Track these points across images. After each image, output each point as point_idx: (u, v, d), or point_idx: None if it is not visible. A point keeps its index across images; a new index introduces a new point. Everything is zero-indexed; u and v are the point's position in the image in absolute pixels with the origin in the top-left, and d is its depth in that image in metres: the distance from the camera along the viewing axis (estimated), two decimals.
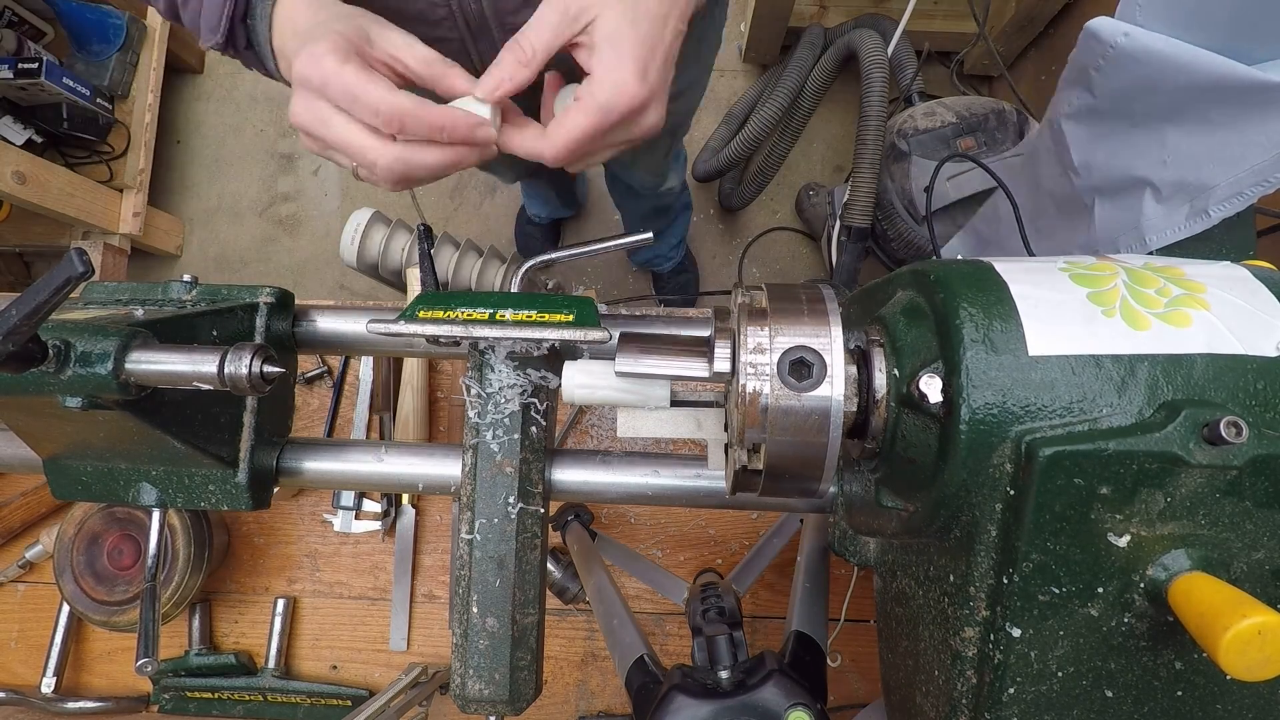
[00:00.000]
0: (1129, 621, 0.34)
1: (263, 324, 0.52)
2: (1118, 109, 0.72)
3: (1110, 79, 0.69)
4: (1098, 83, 0.71)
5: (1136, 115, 0.70)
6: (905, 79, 1.68)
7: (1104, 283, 0.36)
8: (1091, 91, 0.72)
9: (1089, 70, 0.70)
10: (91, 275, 0.35)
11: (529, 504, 0.50)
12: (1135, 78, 0.66)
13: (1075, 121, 0.78)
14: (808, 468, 0.38)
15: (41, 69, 1.59)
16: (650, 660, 0.59)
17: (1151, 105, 0.68)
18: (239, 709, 0.87)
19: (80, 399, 0.40)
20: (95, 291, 0.52)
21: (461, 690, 0.49)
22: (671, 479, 0.53)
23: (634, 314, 0.53)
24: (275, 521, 0.92)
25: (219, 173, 2.12)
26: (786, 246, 1.95)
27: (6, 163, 1.52)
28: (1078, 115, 0.78)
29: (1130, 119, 0.72)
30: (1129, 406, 0.33)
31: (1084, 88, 0.73)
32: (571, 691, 0.87)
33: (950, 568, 0.38)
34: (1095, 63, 0.69)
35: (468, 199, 2.02)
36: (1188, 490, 0.32)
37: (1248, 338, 0.33)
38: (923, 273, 0.39)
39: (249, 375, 0.40)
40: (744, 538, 0.89)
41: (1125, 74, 0.67)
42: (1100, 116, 0.74)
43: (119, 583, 0.82)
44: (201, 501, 0.51)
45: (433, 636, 0.89)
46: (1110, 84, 0.70)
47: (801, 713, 0.49)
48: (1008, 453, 0.33)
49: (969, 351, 0.34)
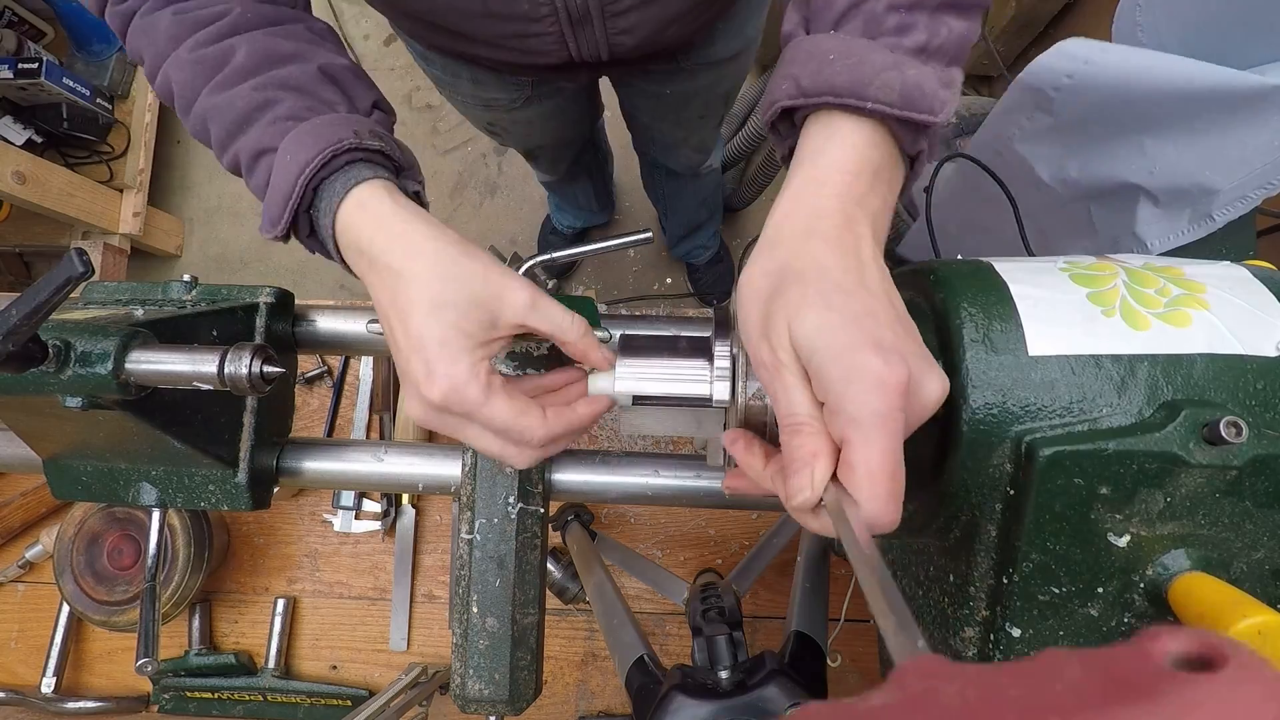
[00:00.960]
0: (1129, 621, 0.34)
1: (263, 324, 0.52)
2: (1084, 125, 0.72)
3: (1074, 98, 0.69)
4: (1059, 103, 0.71)
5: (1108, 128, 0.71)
6: None
7: (1104, 283, 0.36)
8: (1050, 113, 0.73)
9: (1046, 92, 0.70)
10: (91, 275, 0.35)
11: (529, 504, 0.50)
12: (1105, 94, 0.67)
13: (1033, 143, 0.79)
14: None
15: (41, 69, 1.60)
16: (650, 660, 0.59)
17: (1125, 117, 0.68)
18: (239, 709, 0.87)
19: (80, 399, 0.40)
20: (95, 291, 0.52)
21: (461, 690, 0.50)
22: (671, 479, 0.53)
23: (634, 314, 0.53)
24: (275, 521, 0.92)
25: (219, 173, 2.11)
26: None
27: (6, 163, 1.52)
28: (1034, 137, 0.78)
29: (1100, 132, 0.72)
30: (1129, 406, 0.33)
31: (1040, 110, 0.74)
32: (571, 691, 0.87)
33: (950, 568, 0.38)
34: (1058, 82, 0.69)
35: (468, 199, 2.02)
36: (1188, 490, 0.32)
37: (1248, 338, 0.33)
38: (922, 273, 0.39)
39: (249, 375, 0.40)
40: (744, 538, 0.89)
41: (1092, 92, 0.67)
42: (1063, 134, 0.75)
43: (119, 583, 0.82)
44: (201, 501, 0.51)
45: (433, 636, 0.89)
46: (1074, 103, 0.70)
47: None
48: (1008, 453, 0.33)
49: (969, 351, 0.34)
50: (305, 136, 0.41)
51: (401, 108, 2.10)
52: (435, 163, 2.05)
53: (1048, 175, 0.80)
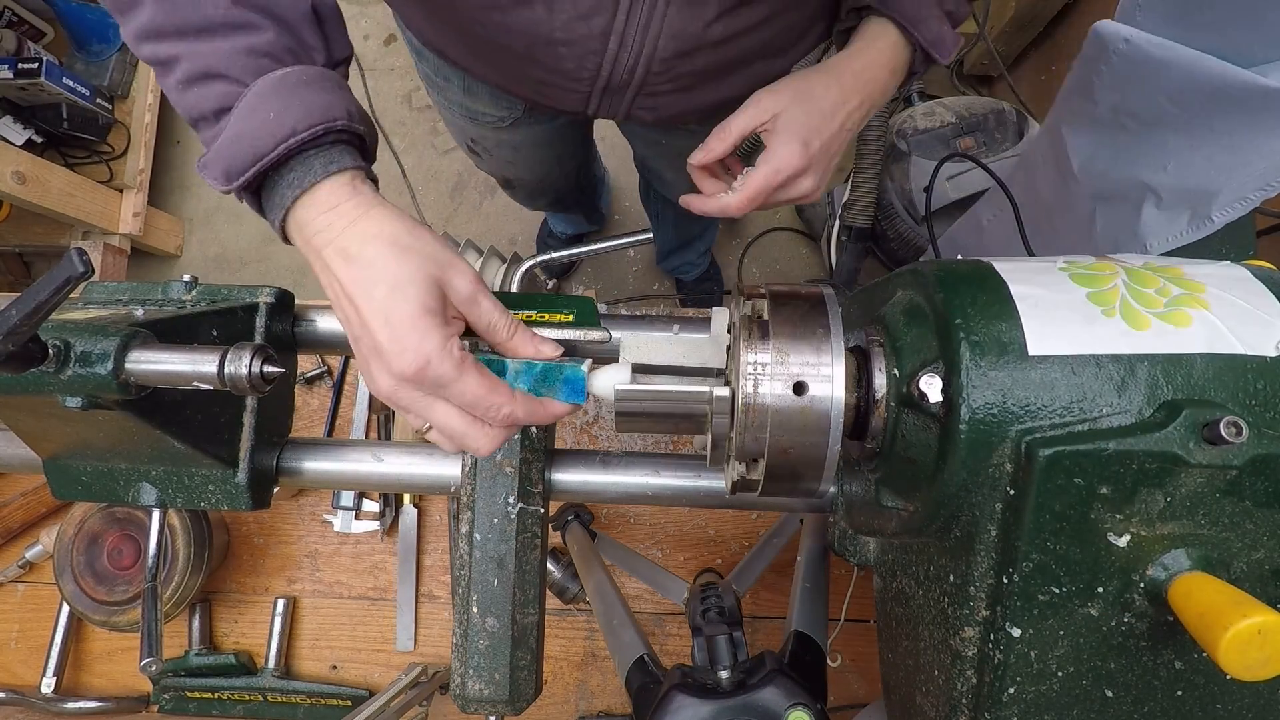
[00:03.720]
0: (1129, 621, 0.34)
1: (263, 324, 0.52)
2: (1117, 117, 0.72)
3: (1111, 86, 0.69)
4: (1099, 90, 0.71)
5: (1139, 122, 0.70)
6: None
7: (1104, 282, 0.36)
8: (1094, 99, 0.72)
9: (1092, 77, 0.71)
10: (91, 275, 0.35)
11: (529, 504, 0.50)
12: (1135, 84, 0.66)
13: (1076, 129, 0.78)
14: (808, 468, 0.38)
15: (41, 69, 1.59)
16: (650, 660, 0.59)
17: (1152, 112, 0.68)
18: (239, 709, 0.87)
19: (80, 399, 0.40)
20: (95, 291, 0.52)
21: (461, 690, 0.50)
22: (671, 479, 0.53)
23: (634, 314, 0.53)
24: (275, 521, 0.92)
25: None
26: (786, 246, 1.95)
27: (6, 163, 1.52)
28: (1079, 122, 0.78)
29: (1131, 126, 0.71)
30: (1129, 406, 0.33)
31: (1087, 95, 0.73)
32: (571, 691, 0.87)
33: (950, 568, 0.38)
34: (1098, 69, 0.69)
35: (468, 199, 2.02)
36: (1188, 490, 0.32)
37: (1248, 338, 0.33)
38: (923, 273, 0.39)
39: (249, 375, 0.40)
40: (744, 538, 0.89)
41: (1125, 81, 0.67)
42: (1100, 124, 0.74)
43: (119, 583, 0.82)
44: (201, 501, 0.51)
45: (433, 636, 0.89)
46: (1111, 91, 0.70)
47: (801, 713, 0.49)
48: (1008, 453, 0.33)
49: (969, 351, 0.34)
50: (292, 97, 0.40)
51: (401, 108, 2.10)
52: (435, 163, 2.05)
53: (1078, 165, 0.79)
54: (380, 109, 2.09)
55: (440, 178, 2.03)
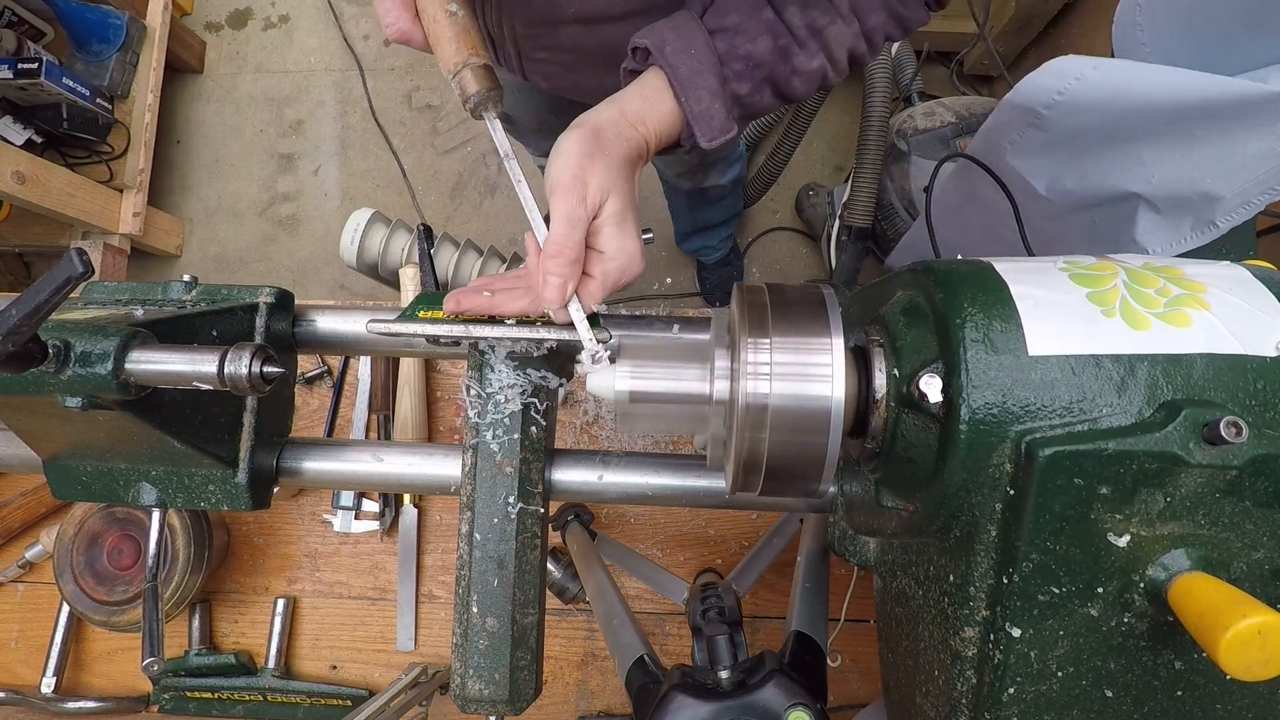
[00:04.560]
0: (1129, 621, 0.34)
1: (263, 324, 0.52)
2: (1078, 139, 0.73)
3: (1067, 115, 0.71)
4: (1050, 120, 0.72)
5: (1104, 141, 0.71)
6: (905, 79, 1.68)
7: (1104, 283, 0.36)
8: (1042, 129, 0.74)
9: (1037, 110, 0.73)
10: (91, 275, 0.35)
11: (529, 504, 0.50)
12: (1099, 108, 0.67)
13: (1027, 157, 0.80)
14: (808, 468, 0.38)
15: (41, 69, 1.59)
16: (650, 660, 0.59)
17: (1120, 130, 0.69)
18: (239, 709, 0.87)
19: (80, 399, 0.40)
20: (95, 291, 0.52)
21: (461, 690, 0.49)
22: (671, 479, 0.53)
23: (634, 314, 0.53)
24: (275, 521, 0.92)
25: (219, 173, 2.12)
26: (786, 246, 1.94)
27: (6, 163, 1.52)
28: (1027, 152, 0.79)
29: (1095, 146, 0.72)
30: (1129, 406, 0.33)
31: (1031, 127, 0.75)
32: (571, 691, 0.87)
33: (950, 568, 0.38)
34: (1048, 100, 0.71)
35: (467, 199, 2.02)
36: (1187, 490, 0.32)
37: (1248, 338, 0.33)
38: (922, 272, 0.39)
39: (249, 375, 0.40)
40: (744, 538, 0.89)
41: (1086, 106, 0.68)
42: (1056, 149, 0.76)
43: (119, 583, 0.82)
44: (201, 501, 0.51)
45: (433, 636, 0.89)
46: (1067, 119, 0.71)
47: (801, 713, 0.49)
48: (1008, 453, 0.33)
49: (969, 351, 0.34)
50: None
51: (401, 108, 2.10)
52: (435, 163, 2.05)
53: (1043, 187, 0.80)
54: (380, 109, 2.09)
55: (440, 178, 2.03)
